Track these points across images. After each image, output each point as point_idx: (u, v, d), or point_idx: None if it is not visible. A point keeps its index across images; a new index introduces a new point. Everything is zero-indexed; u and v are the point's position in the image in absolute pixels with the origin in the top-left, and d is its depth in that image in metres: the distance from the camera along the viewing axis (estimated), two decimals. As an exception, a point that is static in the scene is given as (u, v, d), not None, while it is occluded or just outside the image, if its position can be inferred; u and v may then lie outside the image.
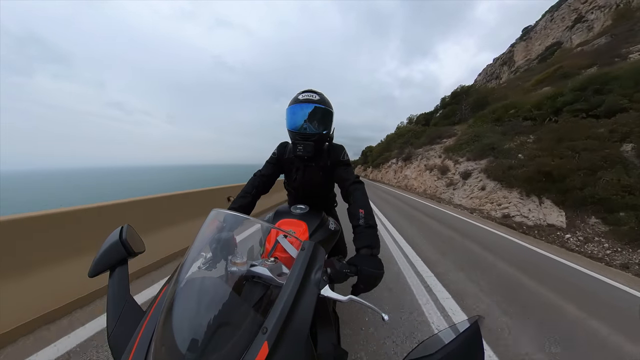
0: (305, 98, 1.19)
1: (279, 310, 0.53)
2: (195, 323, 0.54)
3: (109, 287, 0.67)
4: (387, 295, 2.37)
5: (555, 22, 41.04)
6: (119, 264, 0.71)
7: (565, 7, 39.67)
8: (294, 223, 1.13)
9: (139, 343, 0.54)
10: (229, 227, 0.81)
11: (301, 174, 1.40)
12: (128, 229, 0.78)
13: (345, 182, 1.21)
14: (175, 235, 3.07)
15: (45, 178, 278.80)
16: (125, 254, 0.72)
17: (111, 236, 0.75)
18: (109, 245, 0.73)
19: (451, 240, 4.54)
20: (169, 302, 0.57)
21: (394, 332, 1.85)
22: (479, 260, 3.58)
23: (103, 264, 0.70)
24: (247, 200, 1.26)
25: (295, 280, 0.58)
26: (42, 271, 1.84)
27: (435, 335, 0.52)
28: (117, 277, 0.69)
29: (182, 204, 3.40)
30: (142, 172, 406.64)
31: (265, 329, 0.51)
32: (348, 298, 0.63)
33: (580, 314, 2.24)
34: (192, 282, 0.64)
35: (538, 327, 1.98)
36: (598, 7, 33.20)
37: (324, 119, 1.23)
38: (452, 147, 14.32)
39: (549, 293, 2.65)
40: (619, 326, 2.08)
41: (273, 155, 1.43)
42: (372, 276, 0.76)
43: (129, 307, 0.64)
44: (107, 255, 0.71)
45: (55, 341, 1.60)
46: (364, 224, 0.94)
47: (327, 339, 0.68)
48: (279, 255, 0.86)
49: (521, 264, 3.57)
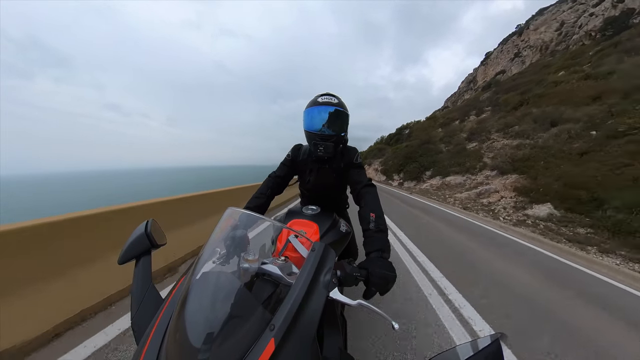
0: (325, 101, 1.14)
1: (287, 309, 0.50)
2: (207, 314, 0.53)
3: (134, 275, 0.68)
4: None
5: (503, 53, 46.05)
6: (144, 254, 0.72)
7: (511, 42, 45.46)
8: (305, 224, 1.08)
9: (156, 329, 0.54)
10: (243, 225, 0.78)
11: (315, 175, 1.32)
12: (153, 223, 0.78)
13: (357, 185, 1.13)
14: (192, 233, 3.06)
15: (50, 182, 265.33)
16: (149, 246, 0.72)
17: (138, 229, 0.75)
18: (135, 237, 0.73)
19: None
20: (185, 293, 0.56)
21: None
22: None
23: (130, 254, 0.71)
24: (262, 201, 1.21)
25: (304, 281, 0.54)
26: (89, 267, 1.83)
27: (453, 348, 0.45)
28: (142, 266, 0.70)
29: (198, 204, 3.42)
30: (147, 174, 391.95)
31: (272, 326, 0.48)
32: (357, 302, 0.57)
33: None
34: (207, 276, 0.62)
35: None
36: (530, 46, 39.58)
37: (341, 122, 1.17)
38: (383, 161, 25.94)
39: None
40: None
41: (287, 157, 1.35)
42: (384, 278, 0.69)
43: (151, 294, 0.65)
44: (134, 245, 0.72)
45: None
46: (375, 228, 0.87)
47: (334, 342, 0.63)
48: (289, 254, 0.81)
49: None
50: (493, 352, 0.42)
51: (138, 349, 0.52)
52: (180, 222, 2.95)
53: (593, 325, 2.02)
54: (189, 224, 3.08)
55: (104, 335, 1.58)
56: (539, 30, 39.04)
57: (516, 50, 42.79)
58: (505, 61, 44.23)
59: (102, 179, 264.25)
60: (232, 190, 4.60)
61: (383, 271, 0.70)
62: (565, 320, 2.06)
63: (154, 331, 0.54)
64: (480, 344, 0.44)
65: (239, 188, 4.87)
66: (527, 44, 40.52)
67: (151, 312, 0.59)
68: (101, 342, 1.51)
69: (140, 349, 0.52)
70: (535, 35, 39.25)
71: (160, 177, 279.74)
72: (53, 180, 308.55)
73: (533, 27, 40.75)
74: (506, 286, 2.68)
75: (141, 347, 0.52)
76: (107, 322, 1.69)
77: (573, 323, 2.03)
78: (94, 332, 1.59)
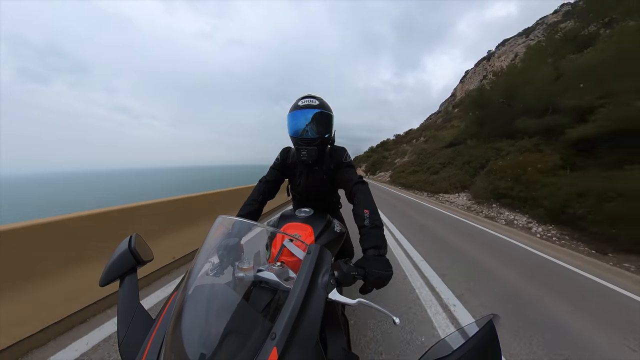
0: (305, 104, 1.11)
1: (287, 315, 0.48)
2: (204, 330, 0.50)
3: (119, 296, 0.62)
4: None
5: (476, 75, 51.02)
6: (129, 273, 0.66)
7: (482, 65, 50.96)
8: (299, 227, 1.05)
9: (149, 351, 0.50)
10: (235, 233, 0.74)
11: (305, 178, 1.29)
12: (137, 238, 0.72)
13: (349, 183, 1.10)
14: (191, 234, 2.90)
15: (57, 180, 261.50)
16: (134, 263, 0.67)
17: (120, 245, 0.69)
18: (118, 255, 0.67)
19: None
20: (178, 309, 0.52)
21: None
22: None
23: (113, 273, 0.65)
24: (254, 207, 1.17)
25: (302, 285, 0.53)
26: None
27: (451, 334, 0.46)
28: (127, 285, 0.64)
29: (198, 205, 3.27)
30: (149, 174, 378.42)
31: (274, 334, 0.46)
32: (357, 301, 0.57)
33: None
34: (201, 289, 0.58)
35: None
36: (493, 72, 45.21)
37: (324, 123, 1.14)
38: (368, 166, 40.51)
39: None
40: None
41: (276, 160, 1.32)
42: (380, 278, 0.69)
43: (139, 314, 0.59)
44: (117, 264, 0.66)
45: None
46: (369, 225, 0.85)
47: (337, 343, 0.62)
48: (285, 259, 0.79)
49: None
50: (488, 332, 0.41)
51: None
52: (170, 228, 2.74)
53: (458, 241, 4.24)
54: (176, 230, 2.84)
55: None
56: (500, 59, 44.01)
57: (485, 73, 47.53)
58: (477, 82, 48.81)
59: (113, 178, 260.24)
60: (225, 192, 4.17)
61: (380, 270, 0.70)
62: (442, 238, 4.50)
63: (147, 354, 0.49)
64: (476, 326, 0.43)
65: (232, 190, 4.42)
66: (492, 69, 45.36)
67: (141, 334, 0.55)
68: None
69: None
70: (498, 63, 42.93)
71: (165, 176, 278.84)
72: (66, 178, 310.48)
73: (497, 55, 45.87)
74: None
75: None
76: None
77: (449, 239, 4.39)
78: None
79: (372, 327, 1.70)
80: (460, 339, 0.43)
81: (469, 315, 1.96)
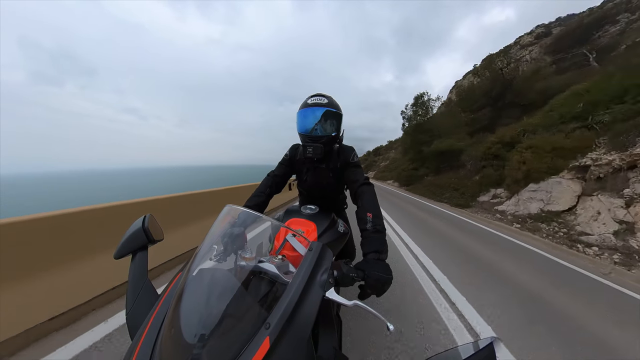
0: (314, 102, 1.11)
1: (283, 307, 0.49)
2: (203, 311, 0.52)
3: (130, 270, 0.65)
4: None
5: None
6: (140, 249, 0.69)
7: (467, 79, 52.19)
8: (303, 223, 1.05)
9: (151, 325, 0.52)
10: (240, 222, 0.76)
11: (311, 175, 1.30)
12: (150, 218, 0.75)
13: (354, 184, 1.09)
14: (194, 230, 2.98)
15: (67, 179, 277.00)
16: (146, 241, 0.70)
17: (135, 224, 0.73)
18: (132, 232, 0.70)
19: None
20: (181, 289, 0.54)
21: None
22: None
23: (127, 248, 0.68)
24: (261, 199, 1.18)
25: (300, 280, 0.53)
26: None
27: (448, 351, 0.45)
28: (138, 261, 0.67)
29: (201, 201, 3.37)
30: (153, 173, 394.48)
31: (268, 324, 0.47)
32: (353, 303, 0.56)
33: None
34: (203, 272, 0.61)
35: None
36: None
37: (333, 122, 1.14)
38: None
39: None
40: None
41: (285, 156, 1.34)
42: (380, 282, 0.67)
43: (146, 289, 0.63)
44: (130, 240, 0.69)
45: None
46: (372, 229, 0.84)
47: (329, 341, 0.61)
48: (286, 253, 0.79)
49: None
50: (487, 355, 0.42)
51: (132, 344, 0.50)
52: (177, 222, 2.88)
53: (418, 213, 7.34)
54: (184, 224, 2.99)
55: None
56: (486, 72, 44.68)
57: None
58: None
59: (119, 177, 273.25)
60: (232, 189, 4.48)
61: (379, 274, 0.69)
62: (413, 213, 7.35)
63: (149, 327, 0.52)
64: (475, 347, 0.44)
65: (239, 187, 4.75)
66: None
67: (147, 308, 0.58)
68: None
69: (134, 344, 0.50)
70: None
71: (169, 175, 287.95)
72: (74, 177, 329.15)
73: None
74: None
75: (135, 342, 0.50)
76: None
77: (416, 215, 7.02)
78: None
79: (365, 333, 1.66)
80: (458, 355, 0.43)
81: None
